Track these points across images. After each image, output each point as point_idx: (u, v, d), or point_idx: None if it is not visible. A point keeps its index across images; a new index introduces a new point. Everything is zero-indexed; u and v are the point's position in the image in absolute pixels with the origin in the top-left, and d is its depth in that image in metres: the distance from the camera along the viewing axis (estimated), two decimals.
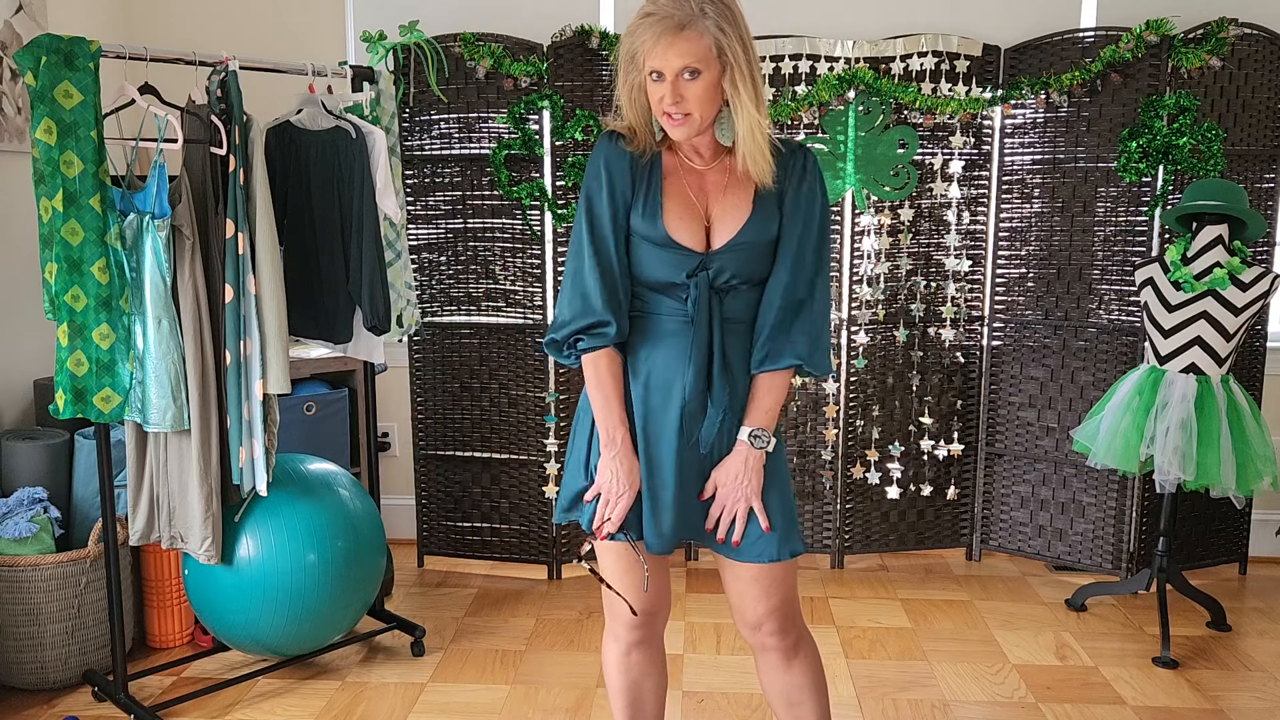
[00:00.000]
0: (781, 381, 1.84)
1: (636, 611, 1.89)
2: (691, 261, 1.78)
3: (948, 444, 3.77)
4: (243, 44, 3.57)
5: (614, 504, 1.81)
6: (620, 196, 1.79)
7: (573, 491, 1.88)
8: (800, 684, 1.93)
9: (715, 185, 1.82)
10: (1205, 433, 2.97)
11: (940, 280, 3.70)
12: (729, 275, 1.78)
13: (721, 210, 1.80)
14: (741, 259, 1.78)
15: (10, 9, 3.04)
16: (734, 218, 1.79)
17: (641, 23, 1.68)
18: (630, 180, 1.79)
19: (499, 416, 3.65)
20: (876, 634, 3.20)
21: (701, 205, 1.80)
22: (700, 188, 1.81)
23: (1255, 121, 3.46)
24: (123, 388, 2.48)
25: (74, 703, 2.73)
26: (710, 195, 1.81)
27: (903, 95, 3.49)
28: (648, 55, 1.68)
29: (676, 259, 1.78)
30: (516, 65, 3.39)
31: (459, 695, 2.81)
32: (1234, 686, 2.88)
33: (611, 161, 1.79)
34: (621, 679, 1.97)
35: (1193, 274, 3.04)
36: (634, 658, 1.95)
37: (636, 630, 1.93)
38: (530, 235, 3.52)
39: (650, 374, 1.81)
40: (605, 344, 1.79)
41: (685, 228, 1.78)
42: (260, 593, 2.64)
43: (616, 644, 1.96)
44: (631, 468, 1.81)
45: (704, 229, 1.80)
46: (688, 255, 1.78)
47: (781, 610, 1.88)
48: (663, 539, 1.82)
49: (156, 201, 2.42)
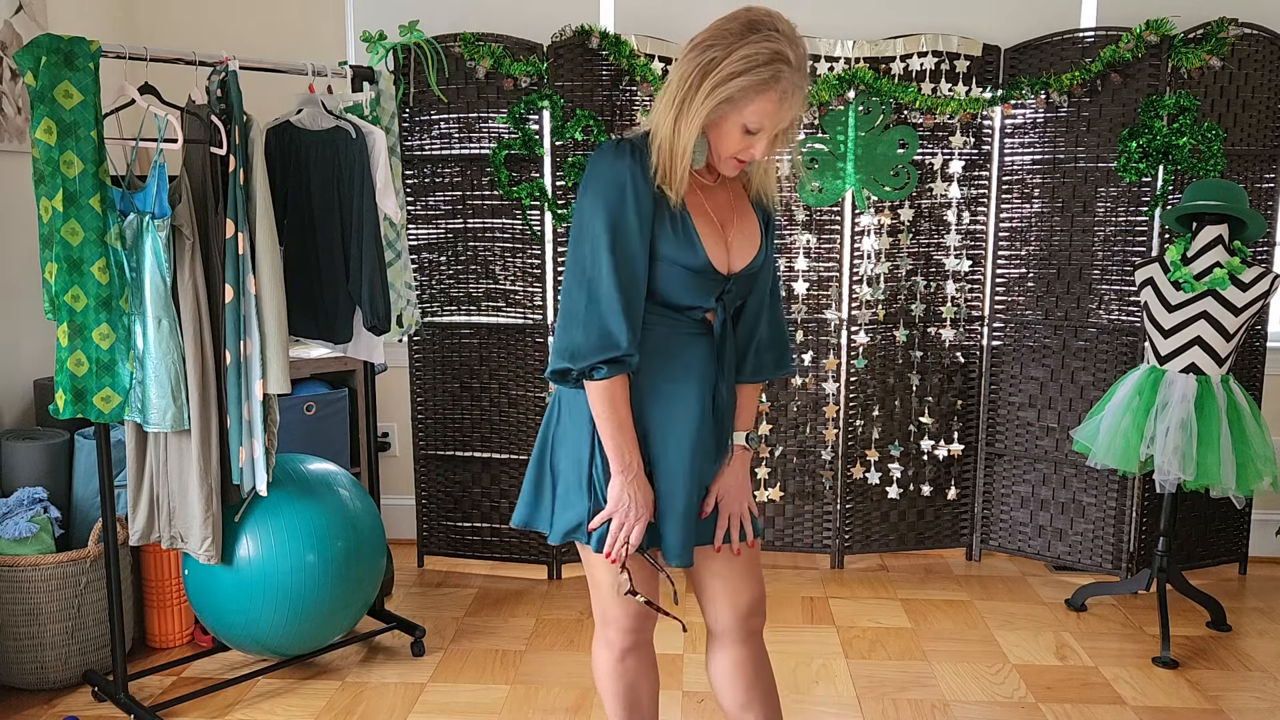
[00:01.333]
0: (760, 389, 1.94)
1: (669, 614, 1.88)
2: (720, 285, 1.76)
3: (948, 444, 3.77)
4: (243, 44, 3.57)
5: (630, 527, 1.75)
6: (645, 216, 1.68)
7: (577, 517, 1.80)
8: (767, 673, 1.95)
9: (726, 205, 1.80)
10: (1205, 433, 2.97)
11: (940, 280, 3.70)
12: (738, 296, 1.81)
13: (739, 234, 1.78)
14: (748, 283, 1.81)
15: (10, 9, 3.04)
16: (750, 243, 1.79)
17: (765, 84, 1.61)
18: (653, 201, 1.69)
19: (499, 416, 3.65)
20: (876, 634, 3.21)
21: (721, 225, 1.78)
22: (716, 207, 1.79)
23: (1255, 121, 3.46)
24: (123, 388, 2.48)
25: (74, 703, 2.73)
26: (722, 215, 1.78)
27: (903, 95, 3.49)
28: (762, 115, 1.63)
29: (708, 284, 1.75)
30: (516, 65, 3.39)
31: (459, 695, 2.81)
32: (1234, 686, 2.88)
33: (638, 178, 1.67)
34: (617, 684, 1.95)
35: (1193, 274, 3.04)
36: (629, 662, 1.94)
37: (631, 635, 1.92)
38: (530, 235, 3.52)
39: (659, 390, 1.77)
40: (624, 372, 1.72)
41: (717, 252, 1.75)
42: (260, 593, 2.64)
43: (610, 650, 1.93)
44: (647, 492, 1.77)
45: (726, 250, 1.77)
46: (717, 279, 1.76)
47: (763, 596, 1.93)
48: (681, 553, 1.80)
49: (156, 201, 2.42)
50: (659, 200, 1.70)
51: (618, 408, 1.72)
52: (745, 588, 1.89)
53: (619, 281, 1.66)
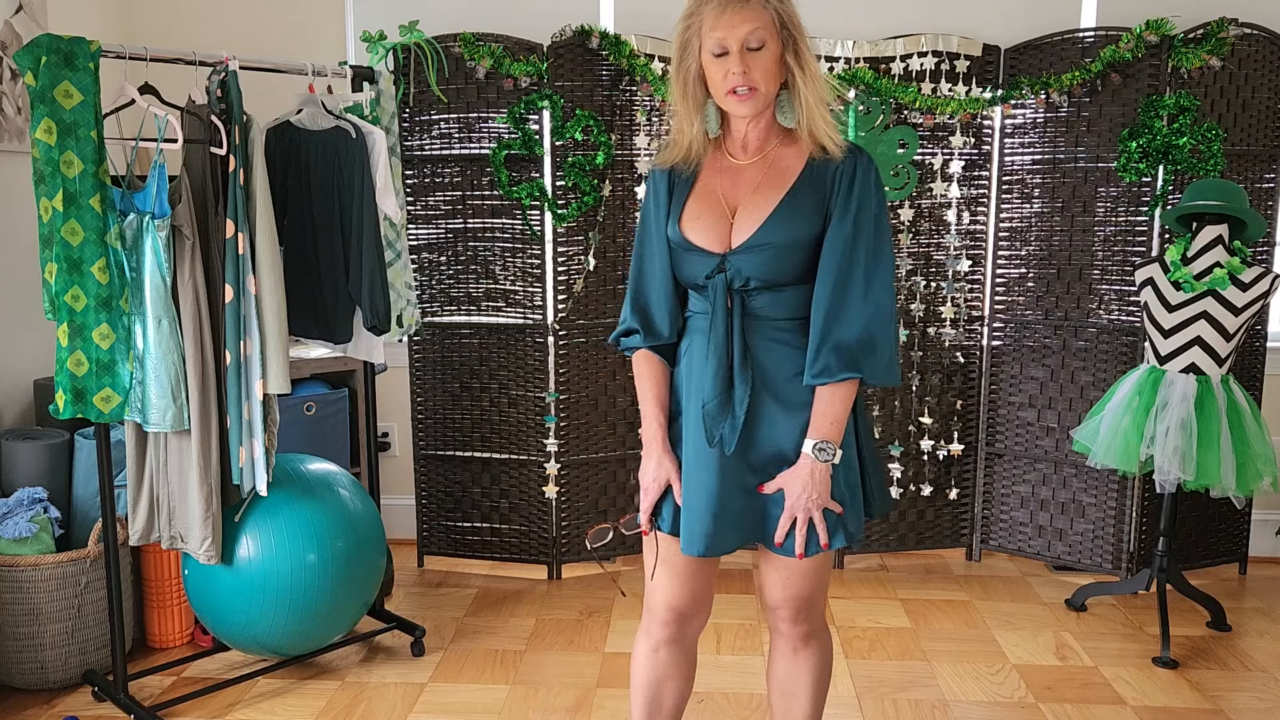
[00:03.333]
0: (843, 393, 1.75)
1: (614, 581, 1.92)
2: (710, 263, 1.78)
3: (948, 444, 3.77)
4: (243, 44, 3.57)
5: (648, 495, 1.86)
6: (659, 210, 1.85)
7: None
8: (800, 677, 1.95)
9: (748, 183, 1.79)
10: (1205, 433, 2.97)
11: (940, 280, 3.69)
12: (747, 277, 1.75)
13: (746, 210, 1.78)
14: (761, 261, 1.74)
15: (10, 9, 3.04)
16: (754, 217, 1.76)
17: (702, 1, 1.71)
18: (669, 193, 1.85)
19: (499, 416, 3.65)
20: (876, 634, 3.20)
21: (729, 204, 1.79)
22: (733, 186, 1.80)
23: (1255, 121, 3.46)
24: (122, 388, 2.48)
25: (74, 703, 2.73)
26: (740, 194, 1.79)
27: (903, 95, 3.49)
28: (711, 29, 1.69)
29: (698, 260, 1.80)
30: (516, 65, 3.39)
31: (459, 695, 2.81)
32: (1234, 687, 2.88)
33: (656, 179, 1.87)
34: (645, 675, 1.96)
35: (1193, 274, 3.04)
36: (661, 655, 1.95)
37: (667, 628, 1.93)
38: (530, 235, 3.52)
39: (687, 372, 1.86)
40: (638, 346, 1.88)
41: (703, 228, 1.79)
42: (260, 593, 2.64)
43: (647, 639, 1.96)
44: (660, 462, 1.84)
45: (728, 229, 1.78)
46: (706, 256, 1.78)
47: (797, 602, 1.90)
48: (693, 542, 1.80)
49: (156, 201, 2.42)
50: (677, 189, 1.84)
51: (640, 382, 1.90)
52: (771, 586, 1.91)
53: (633, 272, 1.90)
